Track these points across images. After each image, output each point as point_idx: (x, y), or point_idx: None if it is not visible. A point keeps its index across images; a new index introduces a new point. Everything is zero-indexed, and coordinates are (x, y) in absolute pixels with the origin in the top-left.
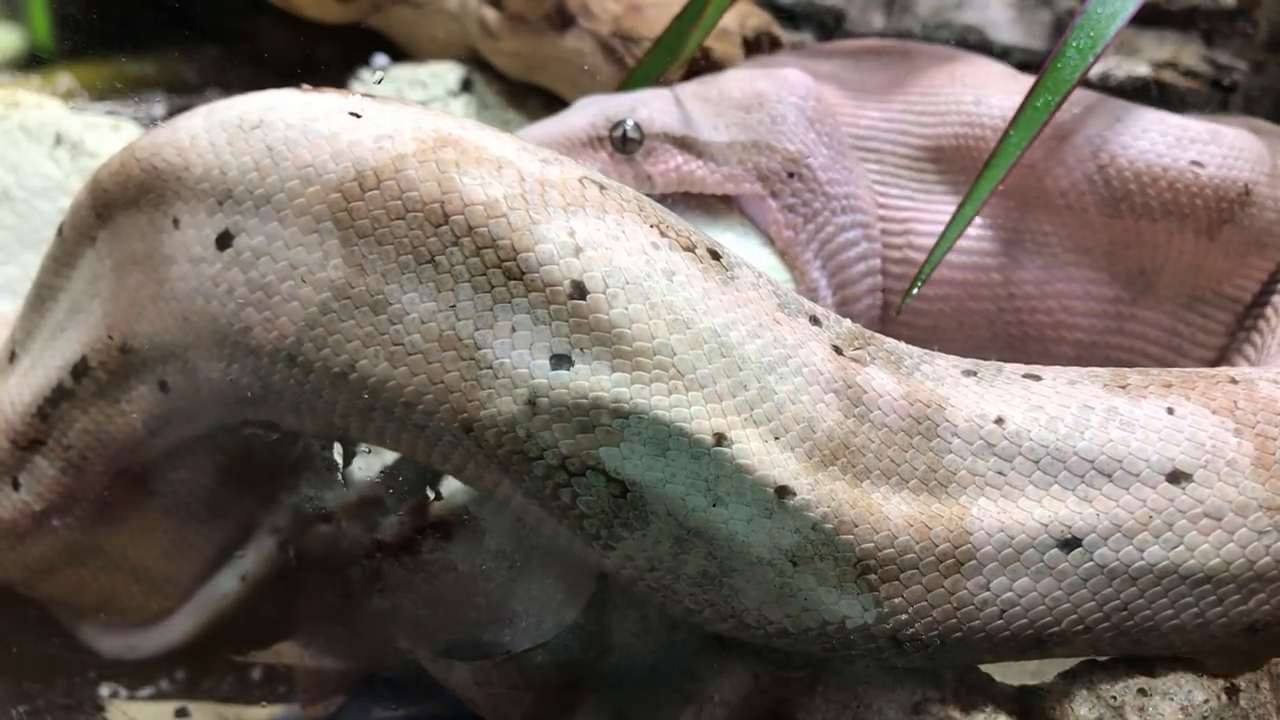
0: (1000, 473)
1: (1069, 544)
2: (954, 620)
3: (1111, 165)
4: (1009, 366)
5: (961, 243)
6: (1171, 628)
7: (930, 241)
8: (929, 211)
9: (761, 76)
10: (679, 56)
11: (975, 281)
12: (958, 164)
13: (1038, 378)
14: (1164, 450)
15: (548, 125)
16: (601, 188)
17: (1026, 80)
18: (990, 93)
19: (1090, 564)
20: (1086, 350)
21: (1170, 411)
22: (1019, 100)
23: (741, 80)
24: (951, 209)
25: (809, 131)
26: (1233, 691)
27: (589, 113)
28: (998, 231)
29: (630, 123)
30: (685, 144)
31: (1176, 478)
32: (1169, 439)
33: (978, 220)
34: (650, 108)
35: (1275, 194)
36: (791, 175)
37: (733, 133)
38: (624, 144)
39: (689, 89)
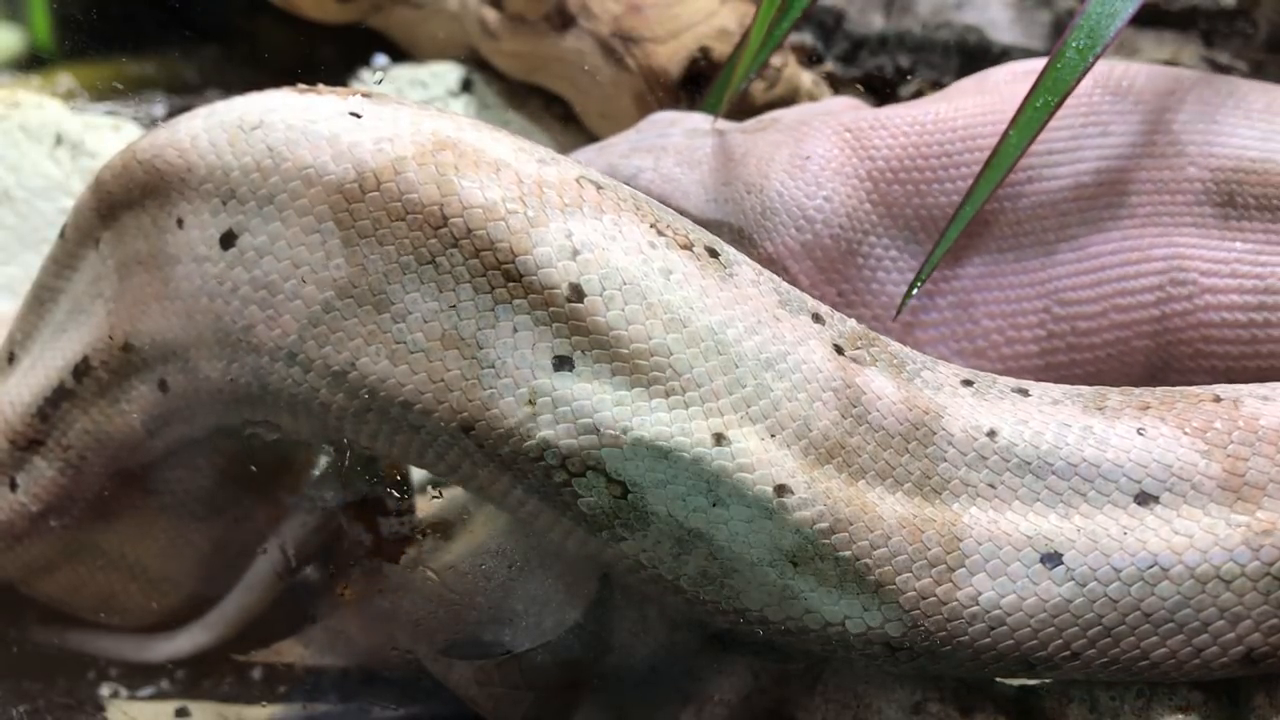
0: (991, 484)
1: (1051, 558)
2: (944, 632)
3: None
4: (1001, 380)
5: (1127, 282)
6: (1161, 656)
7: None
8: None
9: (794, 144)
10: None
11: (1139, 320)
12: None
13: (1026, 393)
14: (1132, 472)
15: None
16: (599, 187)
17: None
18: None
19: (1071, 583)
20: (1229, 375)
21: (1141, 432)
22: None
23: (775, 144)
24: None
25: (799, 234)
26: (1233, 693)
27: (609, 156)
28: (1152, 265)
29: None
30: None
31: (1144, 500)
32: (1138, 460)
33: (1139, 262)
34: (659, 170)
35: None
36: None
37: (725, 210)
38: None
39: (736, 136)
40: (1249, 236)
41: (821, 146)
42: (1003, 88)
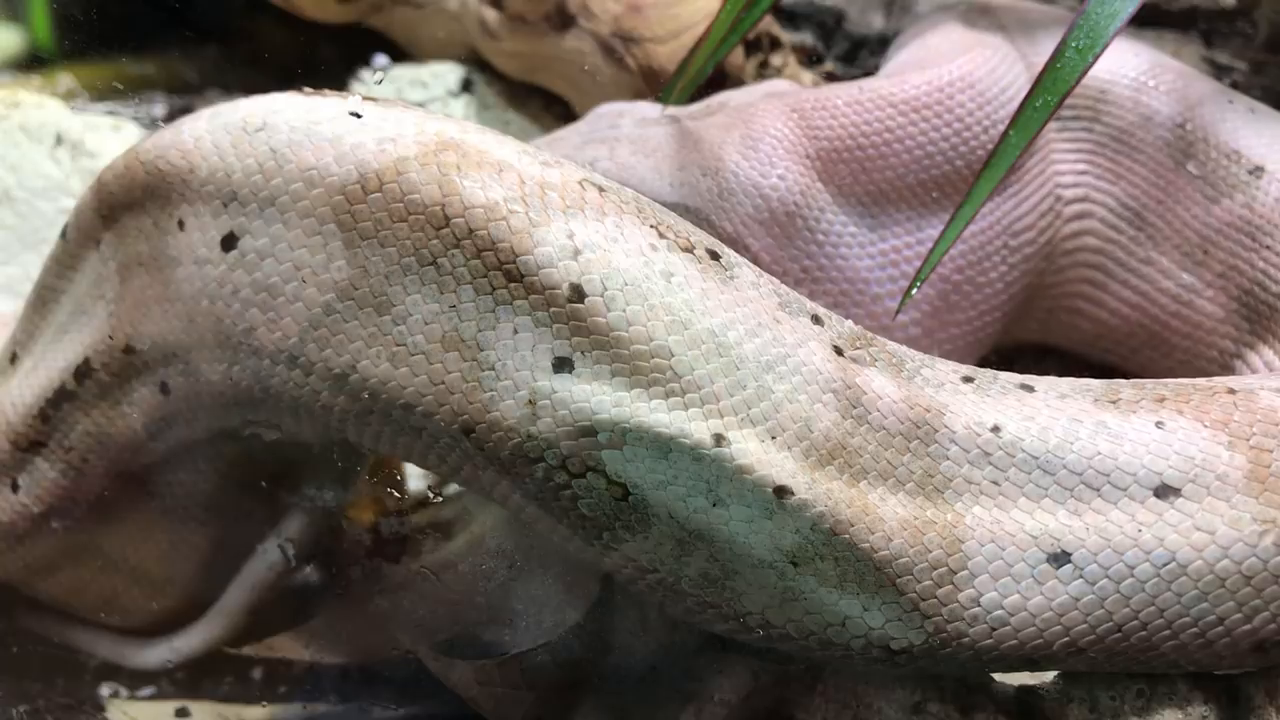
0: (995, 482)
1: (1058, 558)
2: (945, 634)
3: None
4: (1004, 375)
5: (1043, 203)
6: (1172, 648)
7: None
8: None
9: (745, 125)
10: (700, 69)
11: (1045, 239)
12: None
13: (1031, 389)
14: (1151, 464)
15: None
16: (601, 190)
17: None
18: None
19: (1080, 581)
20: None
21: (1159, 425)
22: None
23: (726, 127)
24: None
25: (756, 212)
26: (1232, 691)
27: (562, 149)
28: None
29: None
30: None
31: (1164, 492)
32: (1157, 453)
33: (1044, 184)
34: (615, 159)
35: None
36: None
37: (681, 194)
38: None
39: (687, 122)
40: (1065, 144)
41: (772, 126)
42: (942, 54)
